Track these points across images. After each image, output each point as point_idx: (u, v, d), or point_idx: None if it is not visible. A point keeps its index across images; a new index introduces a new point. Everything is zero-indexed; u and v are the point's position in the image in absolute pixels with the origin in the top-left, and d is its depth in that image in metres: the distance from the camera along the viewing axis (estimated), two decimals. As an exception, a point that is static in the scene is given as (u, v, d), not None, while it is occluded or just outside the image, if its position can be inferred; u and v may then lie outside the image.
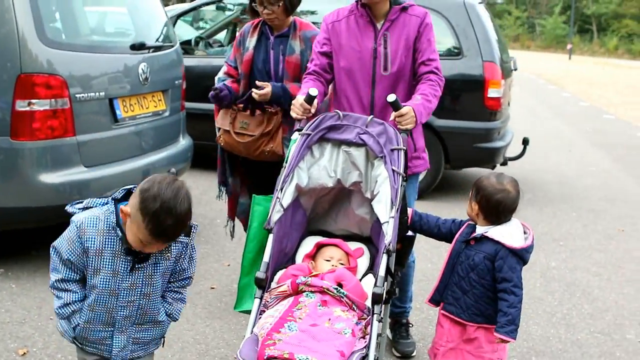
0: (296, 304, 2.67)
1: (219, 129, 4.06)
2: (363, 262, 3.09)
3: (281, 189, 2.95)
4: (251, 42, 3.91)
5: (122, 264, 2.35)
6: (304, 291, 2.72)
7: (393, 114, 3.02)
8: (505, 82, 6.93)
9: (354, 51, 3.32)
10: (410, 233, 3.02)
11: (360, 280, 2.92)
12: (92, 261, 2.33)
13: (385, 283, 2.70)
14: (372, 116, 3.03)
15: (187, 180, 2.82)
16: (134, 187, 2.38)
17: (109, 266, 2.34)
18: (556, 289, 4.77)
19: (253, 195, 3.11)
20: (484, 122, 6.73)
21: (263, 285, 2.75)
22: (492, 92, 6.63)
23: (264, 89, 3.74)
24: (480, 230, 2.88)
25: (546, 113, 15.09)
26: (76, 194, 4.16)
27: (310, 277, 2.79)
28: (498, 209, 2.83)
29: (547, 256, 5.43)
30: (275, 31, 3.89)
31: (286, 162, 3.00)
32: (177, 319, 2.60)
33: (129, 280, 2.37)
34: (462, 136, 6.66)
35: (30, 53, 4.09)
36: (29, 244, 4.80)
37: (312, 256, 3.07)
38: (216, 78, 4.07)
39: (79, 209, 2.41)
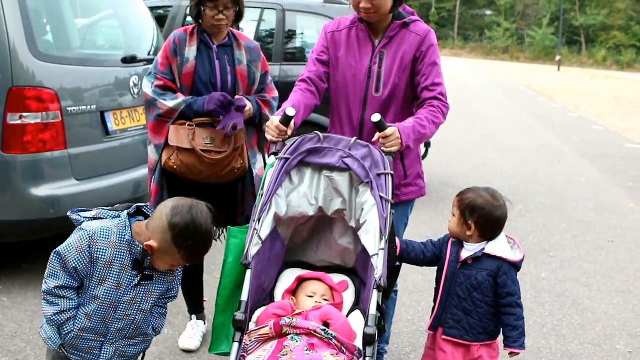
0: (280, 348, 2.40)
1: (163, 148, 3.44)
2: (348, 297, 2.86)
3: (258, 219, 2.67)
4: (190, 51, 3.44)
5: (127, 277, 2.38)
6: (288, 333, 2.46)
7: (377, 135, 2.78)
8: None
9: (350, 67, 3.06)
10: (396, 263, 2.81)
11: (347, 316, 2.71)
12: (98, 271, 2.35)
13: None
14: (355, 138, 2.81)
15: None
16: (146, 205, 2.44)
17: (115, 278, 2.37)
18: (546, 300, 4.80)
19: (228, 227, 2.82)
20: None
21: (242, 327, 2.48)
22: None
23: (246, 105, 3.39)
24: (474, 247, 2.81)
25: (535, 124, 15.20)
26: (67, 207, 4.14)
27: (293, 317, 2.52)
28: (498, 224, 2.80)
29: (537, 267, 5.46)
30: (216, 40, 3.50)
31: (262, 189, 2.74)
32: (160, 333, 2.67)
33: (130, 294, 2.40)
34: None
35: (22, 66, 4.09)
36: (19, 257, 4.76)
37: (293, 291, 2.83)
38: (149, 92, 3.45)
39: (85, 217, 2.42)
